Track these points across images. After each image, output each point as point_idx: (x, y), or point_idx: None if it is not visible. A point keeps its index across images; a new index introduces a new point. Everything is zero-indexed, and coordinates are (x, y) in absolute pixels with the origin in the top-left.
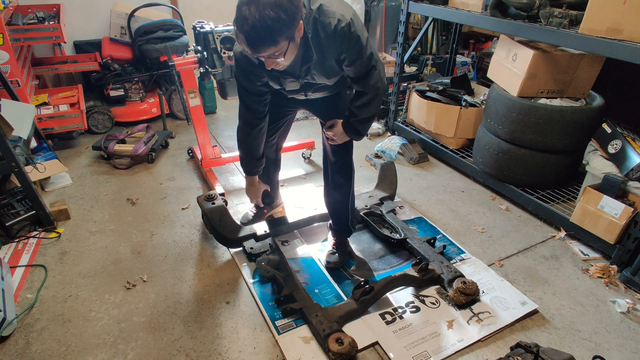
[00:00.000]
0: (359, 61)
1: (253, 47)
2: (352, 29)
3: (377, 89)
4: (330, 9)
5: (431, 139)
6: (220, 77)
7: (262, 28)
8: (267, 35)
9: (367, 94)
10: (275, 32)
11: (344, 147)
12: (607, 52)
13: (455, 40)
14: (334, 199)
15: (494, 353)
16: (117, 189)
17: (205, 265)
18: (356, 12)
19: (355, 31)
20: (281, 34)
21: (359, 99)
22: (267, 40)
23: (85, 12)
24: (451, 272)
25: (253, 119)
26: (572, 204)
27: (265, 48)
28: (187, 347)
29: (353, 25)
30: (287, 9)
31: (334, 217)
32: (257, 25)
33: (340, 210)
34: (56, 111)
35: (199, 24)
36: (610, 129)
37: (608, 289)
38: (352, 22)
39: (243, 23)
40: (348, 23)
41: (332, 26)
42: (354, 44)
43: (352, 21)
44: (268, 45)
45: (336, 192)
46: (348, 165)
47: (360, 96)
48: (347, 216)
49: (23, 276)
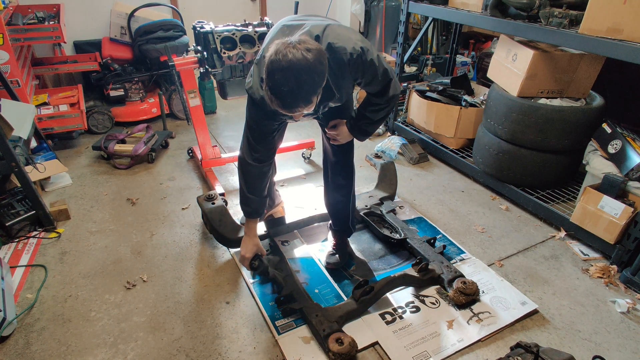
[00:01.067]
0: (375, 81)
1: (288, 109)
2: (364, 57)
3: (394, 98)
4: (339, 44)
5: (431, 139)
6: (220, 77)
7: (298, 93)
8: (303, 98)
9: (383, 103)
10: (310, 94)
11: (345, 148)
12: (607, 52)
13: (455, 40)
14: (334, 200)
15: (494, 353)
16: (117, 189)
17: (205, 265)
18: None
19: (368, 57)
20: (315, 94)
21: (374, 105)
22: (303, 102)
23: (85, 12)
24: (451, 272)
25: (266, 156)
26: (572, 204)
27: (299, 109)
28: (187, 347)
29: (364, 53)
30: (319, 72)
31: (334, 218)
32: (295, 92)
33: (340, 210)
34: (56, 111)
35: (199, 24)
36: (610, 129)
37: (608, 289)
38: (362, 50)
39: (279, 89)
40: (359, 53)
41: (346, 60)
42: (369, 69)
43: (363, 49)
44: (303, 105)
45: (336, 193)
46: (349, 166)
47: (376, 104)
48: (347, 217)
49: (23, 276)
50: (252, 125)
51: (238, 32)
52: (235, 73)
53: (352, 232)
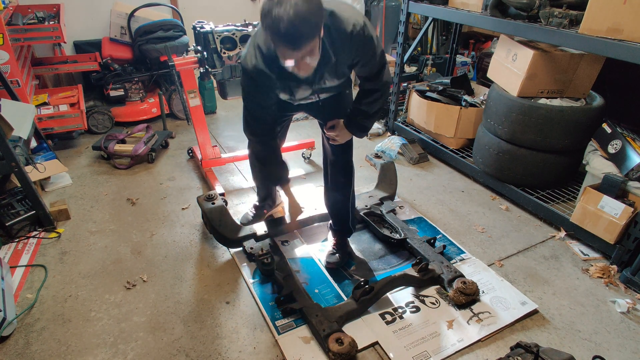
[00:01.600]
0: (372, 61)
1: (294, 44)
2: (366, 32)
3: (387, 84)
4: (343, 15)
5: (431, 139)
6: (220, 77)
7: (300, 22)
8: (306, 27)
9: (378, 90)
10: (312, 24)
11: (344, 147)
12: (607, 52)
13: (455, 40)
14: (334, 199)
15: (494, 353)
16: (117, 189)
17: (205, 265)
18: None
19: (369, 33)
20: (317, 26)
21: (369, 96)
22: (306, 33)
23: (85, 12)
24: (451, 272)
25: (270, 129)
26: (572, 204)
27: (305, 43)
28: (187, 347)
29: (366, 28)
30: (316, 13)
31: (334, 218)
32: (294, 21)
33: (340, 210)
34: (56, 111)
35: (199, 24)
36: (610, 129)
37: (608, 289)
38: (365, 25)
39: (278, 24)
40: (362, 26)
41: (348, 31)
42: (369, 46)
43: (365, 24)
44: (307, 39)
45: (336, 193)
46: (348, 165)
47: (370, 93)
48: (347, 216)
49: (23, 276)
50: (250, 102)
51: (238, 32)
52: (235, 73)
53: (352, 232)
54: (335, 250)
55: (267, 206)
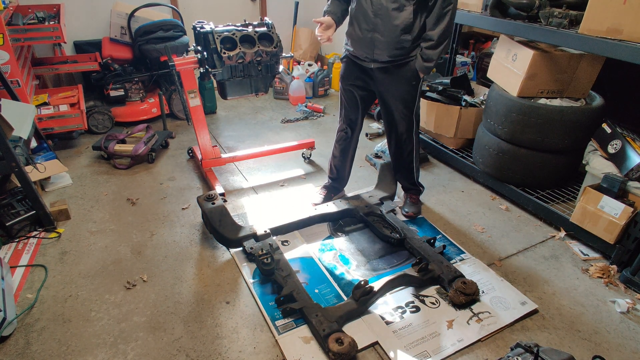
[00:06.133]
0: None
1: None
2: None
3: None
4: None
5: (431, 139)
6: (220, 77)
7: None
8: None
9: (445, 15)
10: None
11: (407, 107)
12: (607, 52)
13: (455, 40)
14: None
15: (494, 353)
16: (117, 189)
17: (205, 265)
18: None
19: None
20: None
21: (438, 24)
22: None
23: (85, 12)
24: (451, 272)
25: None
26: (572, 204)
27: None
28: (187, 347)
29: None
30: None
31: (402, 177)
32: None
33: (407, 169)
34: (56, 111)
35: (199, 24)
36: (610, 129)
37: (608, 289)
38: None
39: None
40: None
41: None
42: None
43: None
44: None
45: (404, 150)
46: (413, 122)
47: (438, 21)
48: (413, 175)
49: (23, 276)
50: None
51: (238, 32)
52: (235, 73)
53: (421, 191)
54: (412, 202)
55: (334, 189)
